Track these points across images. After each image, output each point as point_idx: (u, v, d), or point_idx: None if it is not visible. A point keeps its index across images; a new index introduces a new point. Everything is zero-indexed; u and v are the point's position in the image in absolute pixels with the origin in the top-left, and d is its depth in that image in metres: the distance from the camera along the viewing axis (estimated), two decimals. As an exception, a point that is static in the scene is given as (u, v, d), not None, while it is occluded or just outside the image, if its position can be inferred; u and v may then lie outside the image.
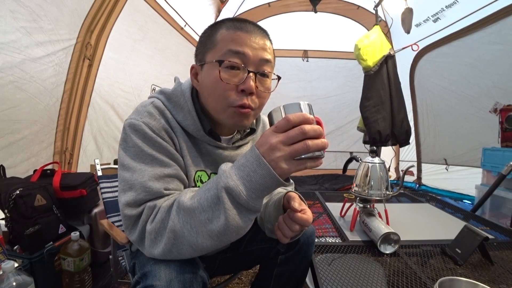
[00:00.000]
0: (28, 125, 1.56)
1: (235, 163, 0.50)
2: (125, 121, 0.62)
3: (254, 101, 0.61)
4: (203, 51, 0.63)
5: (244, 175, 0.47)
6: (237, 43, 0.58)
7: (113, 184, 1.20)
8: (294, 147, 0.45)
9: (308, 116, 0.46)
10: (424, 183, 3.50)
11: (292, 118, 0.45)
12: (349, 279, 0.77)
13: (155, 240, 0.53)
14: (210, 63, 0.60)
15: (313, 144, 0.44)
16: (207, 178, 0.69)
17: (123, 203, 0.56)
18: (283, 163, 0.45)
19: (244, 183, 0.46)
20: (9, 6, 1.35)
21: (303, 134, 0.44)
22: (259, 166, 0.45)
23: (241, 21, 0.61)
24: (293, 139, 0.45)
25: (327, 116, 4.11)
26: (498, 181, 1.68)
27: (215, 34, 0.61)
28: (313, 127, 0.45)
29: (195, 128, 0.65)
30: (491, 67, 2.44)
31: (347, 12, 3.71)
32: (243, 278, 1.50)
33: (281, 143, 0.45)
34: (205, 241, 0.49)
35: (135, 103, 2.44)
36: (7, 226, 1.19)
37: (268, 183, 0.46)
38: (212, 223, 0.48)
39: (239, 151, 0.73)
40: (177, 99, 0.66)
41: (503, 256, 0.92)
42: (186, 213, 0.50)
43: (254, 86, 0.59)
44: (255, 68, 0.60)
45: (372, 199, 1.13)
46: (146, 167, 0.57)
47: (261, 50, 0.60)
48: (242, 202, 0.47)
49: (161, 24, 2.58)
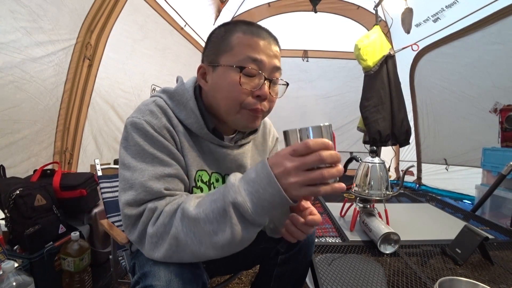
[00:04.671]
0: (28, 125, 1.56)
1: (245, 176, 0.49)
2: (127, 119, 0.62)
3: (265, 105, 0.64)
4: (216, 52, 0.63)
5: (253, 191, 0.46)
6: (255, 50, 0.60)
7: (113, 184, 1.20)
8: (310, 175, 0.44)
9: (328, 143, 0.45)
10: (424, 183, 3.50)
11: (312, 145, 0.44)
12: (349, 279, 0.77)
13: (156, 244, 0.52)
14: (227, 67, 0.60)
15: (329, 174, 0.44)
16: (207, 178, 0.68)
17: (123, 202, 0.56)
18: (295, 189, 0.45)
19: (252, 199, 0.46)
20: (9, 6, 1.35)
21: (320, 161, 0.44)
22: (269, 185, 0.45)
23: (256, 26, 0.63)
24: (309, 166, 0.44)
25: (327, 116, 4.11)
26: (498, 181, 1.68)
27: (230, 37, 0.61)
28: (331, 154, 0.44)
29: (199, 126, 0.65)
30: (491, 67, 2.44)
31: (347, 12, 3.71)
32: (243, 278, 1.50)
33: (296, 168, 0.44)
34: (208, 251, 0.49)
35: (135, 103, 2.44)
36: (7, 226, 1.19)
37: (277, 203, 0.46)
38: (217, 235, 0.48)
39: (241, 150, 0.74)
40: (180, 97, 0.66)
41: (503, 256, 0.92)
42: (191, 222, 0.49)
43: (268, 92, 0.62)
44: (268, 74, 0.62)
45: (372, 199, 1.13)
46: (146, 166, 0.57)
47: (274, 57, 0.63)
48: (248, 218, 0.47)
49: (161, 24, 2.58)
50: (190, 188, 0.65)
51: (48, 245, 1.24)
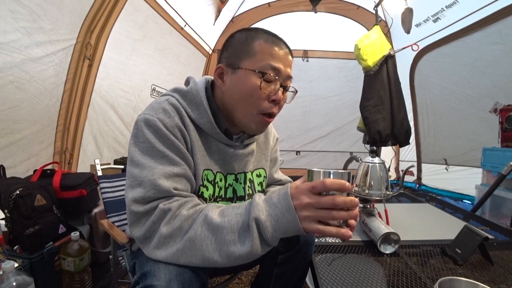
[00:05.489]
0: (28, 125, 1.56)
1: (268, 199, 0.53)
2: (138, 116, 0.62)
3: (277, 109, 0.69)
4: (238, 55, 0.66)
5: (273, 214, 0.50)
6: (276, 59, 0.65)
7: (113, 184, 1.20)
8: (321, 213, 0.48)
9: (344, 184, 0.48)
10: (424, 183, 3.51)
11: (329, 184, 0.48)
12: (349, 279, 0.76)
13: (166, 244, 0.53)
14: (248, 71, 0.64)
15: (338, 216, 0.48)
16: (213, 177, 0.70)
17: (130, 199, 0.56)
18: (307, 222, 0.49)
19: (271, 221, 0.50)
20: (9, 6, 1.35)
21: (333, 204, 0.48)
22: (288, 212, 0.49)
23: (276, 37, 0.67)
24: (322, 206, 0.48)
25: (327, 116, 4.11)
26: (498, 181, 1.68)
27: (252, 43, 0.65)
28: (345, 200, 0.48)
29: (211, 126, 0.67)
30: (491, 67, 2.44)
31: (347, 12, 3.72)
32: (243, 278, 1.50)
33: (311, 205, 0.48)
34: (220, 260, 0.51)
35: (135, 103, 2.44)
36: (7, 226, 1.19)
37: (291, 229, 0.49)
38: (235, 246, 0.50)
39: (246, 149, 0.76)
40: (193, 97, 0.67)
41: (503, 256, 0.92)
42: (212, 229, 0.51)
43: (282, 97, 0.67)
44: (282, 82, 0.67)
45: (372, 199, 1.12)
46: (155, 164, 0.58)
47: (289, 67, 0.68)
48: (265, 237, 0.50)
49: (161, 24, 2.58)
50: (197, 187, 0.66)
51: (48, 245, 1.24)
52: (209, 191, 0.69)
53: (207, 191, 0.68)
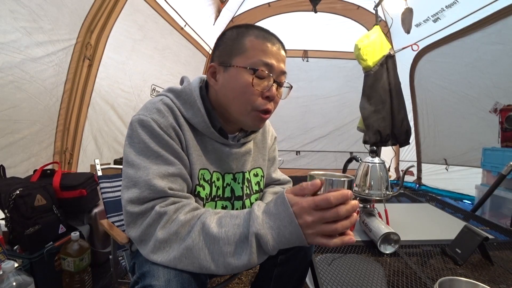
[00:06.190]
0: (28, 125, 1.56)
1: (267, 210, 0.51)
2: (133, 117, 0.62)
3: (272, 106, 0.67)
4: (229, 53, 0.65)
5: (275, 227, 0.49)
6: (267, 54, 0.63)
7: (113, 184, 1.20)
8: (325, 229, 0.48)
9: (347, 194, 0.48)
10: (424, 183, 3.50)
11: (333, 200, 0.47)
12: (349, 279, 0.76)
13: (162, 249, 0.53)
14: (240, 68, 0.63)
15: (342, 227, 0.48)
16: (209, 176, 0.69)
17: (126, 199, 0.56)
18: (312, 237, 0.49)
19: (272, 234, 0.49)
20: (9, 6, 1.35)
21: (337, 217, 0.47)
22: (290, 224, 0.48)
23: (266, 32, 0.66)
24: (327, 220, 0.48)
25: (327, 116, 4.11)
26: (498, 181, 1.68)
27: (243, 40, 0.64)
28: (348, 208, 0.48)
29: (205, 125, 0.66)
30: (491, 67, 2.44)
31: (347, 12, 3.72)
32: (243, 278, 1.50)
33: (316, 223, 0.48)
34: (216, 269, 0.51)
35: (135, 103, 2.44)
36: (7, 226, 1.19)
37: (293, 240, 0.49)
38: (233, 257, 0.50)
39: (243, 148, 0.75)
40: (187, 97, 0.67)
41: (503, 256, 0.91)
42: (210, 239, 0.51)
43: (276, 93, 0.65)
44: (276, 77, 0.65)
45: (372, 199, 1.12)
46: (150, 164, 0.58)
47: (282, 62, 0.66)
48: (265, 249, 0.50)
49: (161, 24, 2.58)
50: (193, 186, 0.66)
51: (48, 245, 1.24)
52: (206, 190, 0.68)
53: (204, 191, 0.68)
